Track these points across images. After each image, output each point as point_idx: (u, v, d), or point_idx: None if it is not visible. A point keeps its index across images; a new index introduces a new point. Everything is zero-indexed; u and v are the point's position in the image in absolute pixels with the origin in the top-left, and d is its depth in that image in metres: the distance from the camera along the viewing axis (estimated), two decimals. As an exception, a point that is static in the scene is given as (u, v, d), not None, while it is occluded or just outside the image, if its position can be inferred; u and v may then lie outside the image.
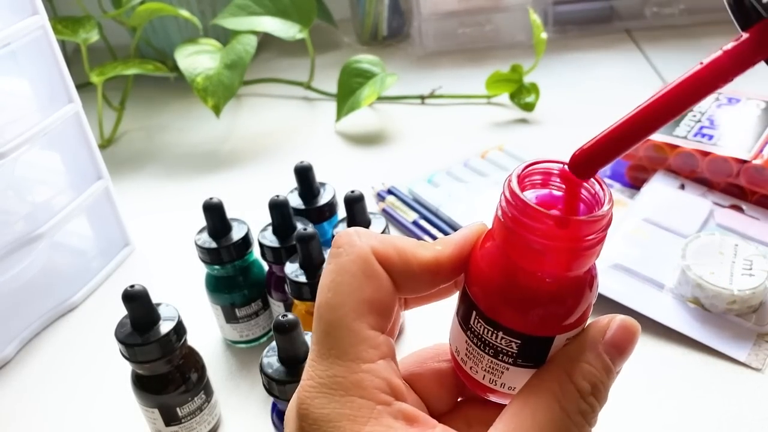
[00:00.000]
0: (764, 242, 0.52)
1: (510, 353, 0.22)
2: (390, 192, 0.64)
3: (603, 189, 0.21)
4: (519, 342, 0.22)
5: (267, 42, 1.00)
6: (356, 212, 0.46)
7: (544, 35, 0.75)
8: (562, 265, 0.21)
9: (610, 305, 0.49)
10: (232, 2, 0.80)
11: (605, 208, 0.20)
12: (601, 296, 0.49)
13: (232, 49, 0.76)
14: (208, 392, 0.43)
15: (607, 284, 0.50)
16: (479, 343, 0.22)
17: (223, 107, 0.73)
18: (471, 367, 0.23)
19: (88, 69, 0.73)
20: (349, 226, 0.46)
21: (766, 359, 0.45)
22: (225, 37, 0.86)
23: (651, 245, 0.53)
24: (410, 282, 0.22)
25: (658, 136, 0.59)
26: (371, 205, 0.64)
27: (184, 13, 0.75)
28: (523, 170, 0.22)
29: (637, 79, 0.81)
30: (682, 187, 0.58)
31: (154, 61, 0.79)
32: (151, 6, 0.74)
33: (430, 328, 0.50)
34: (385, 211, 0.63)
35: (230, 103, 0.83)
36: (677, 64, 0.82)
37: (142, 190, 0.72)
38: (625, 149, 0.21)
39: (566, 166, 0.22)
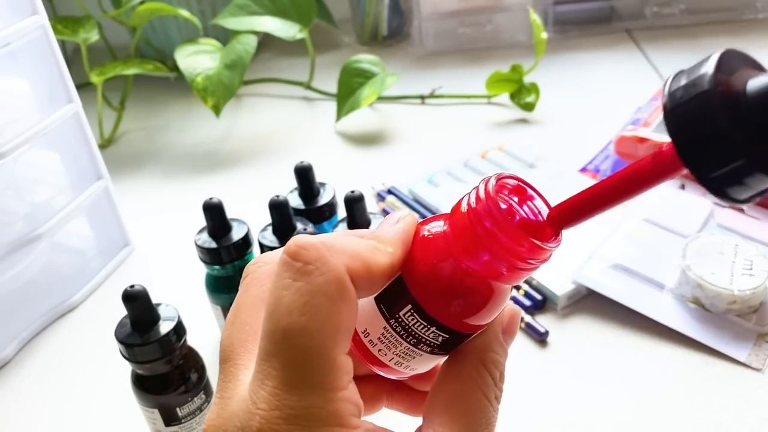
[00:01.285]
0: (764, 242, 0.52)
1: (432, 344, 0.23)
2: (390, 192, 0.64)
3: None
4: (447, 336, 0.23)
5: (267, 42, 1.00)
6: (356, 212, 0.46)
7: (544, 35, 0.75)
8: (500, 276, 0.22)
9: (610, 305, 0.49)
10: (232, 2, 0.80)
11: (553, 243, 0.22)
12: (601, 296, 0.49)
13: (232, 49, 0.76)
14: (208, 392, 0.43)
15: (607, 284, 0.50)
16: (402, 332, 0.23)
17: (223, 107, 0.73)
18: (380, 350, 0.24)
19: (88, 69, 0.73)
20: (349, 226, 0.46)
21: (767, 359, 0.45)
22: (225, 37, 0.86)
23: (651, 245, 0.53)
24: (367, 291, 0.22)
25: (658, 136, 0.59)
26: (371, 205, 0.64)
27: (184, 13, 0.75)
28: (498, 180, 0.23)
29: (637, 79, 0.81)
30: (683, 187, 0.58)
31: (154, 61, 0.79)
32: (151, 6, 0.73)
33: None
34: (385, 211, 0.63)
35: (230, 103, 0.83)
36: (677, 64, 0.82)
37: (142, 190, 0.72)
38: (591, 215, 0.22)
39: (532, 191, 0.24)
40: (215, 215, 0.46)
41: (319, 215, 0.50)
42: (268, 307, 0.20)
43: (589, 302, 0.50)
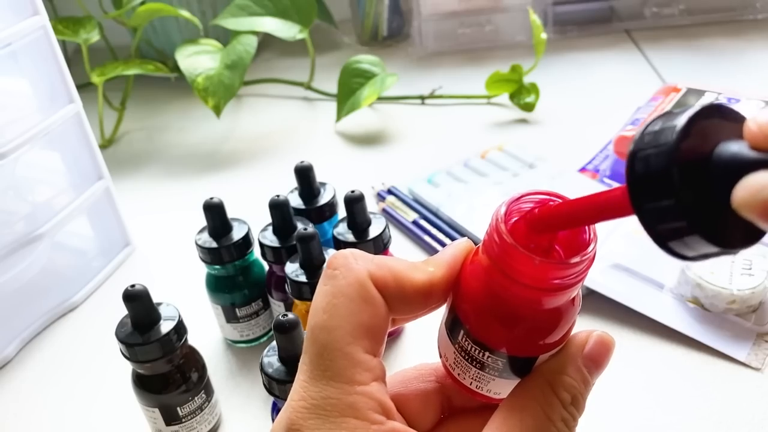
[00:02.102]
0: (764, 242, 0.52)
1: (496, 368, 0.23)
2: (390, 192, 0.64)
3: (590, 231, 0.21)
4: (504, 360, 0.23)
5: (267, 42, 1.00)
6: (356, 212, 0.46)
7: (543, 35, 0.75)
8: (542, 300, 0.21)
9: (610, 305, 0.49)
10: (233, 3, 0.80)
11: (588, 250, 0.21)
12: (601, 296, 0.49)
13: (233, 50, 0.76)
14: (209, 392, 0.43)
15: (607, 284, 0.50)
16: (467, 357, 0.23)
17: (223, 107, 0.73)
18: (459, 374, 0.24)
19: (89, 69, 0.73)
20: (349, 226, 0.46)
21: (766, 359, 0.45)
22: (225, 37, 0.87)
23: (651, 245, 0.53)
24: (404, 305, 0.23)
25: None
26: (371, 205, 0.64)
27: (185, 13, 0.75)
28: (510, 203, 0.22)
29: (636, 79, 0.81)
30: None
31: (154, 62, 0.79)
32: (152, 6, 0.74)
33: (429, 332, 0.51)
34: (385, 211, 0.63)
35: (231, 104, 0.84)
36: (677, 64, 0.83)
37: (143, 190, 0.72)
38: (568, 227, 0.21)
39: (555, 199, 0.22)
40: (216, 215, 0.46)
41: (320, 215, 0.50)
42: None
43: (589, 302, 0.50)
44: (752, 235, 0.18)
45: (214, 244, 0.46)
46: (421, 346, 0.49)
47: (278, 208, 0.46)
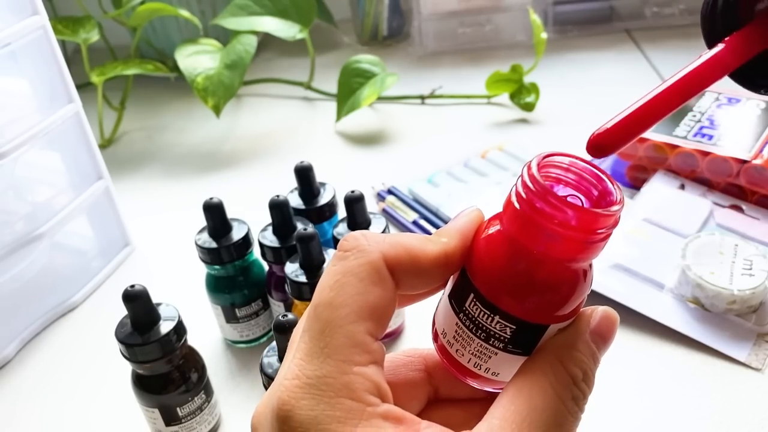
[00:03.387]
0: (764, 242, 0.52)
1: (502, 338, 0.22)
2: (390, 192, 0.64)
3: (614, 186, 0.22)
4: (513, 327, 0.22)
5: (267, 42, 1.00)
6: (356, 212, 0.46)
7: (544, 35, 0.75)
8: (569, 254, 0.21)
9: (610, 305, 0.49)
10: (233, 2, 0.80)
11: (617, 205, 0.21)
12: (601, 296, 0.49)
13: (233, 49, 0.76)
14: (209, 392, 0.43)
15: (607, 284, 0.50)
16: (471, 326, 0.23)
17: (223, 107, 0.73)
18: (457, 350, 0.23)
19: (89, 69, 0.73)
20: (349, 226, 0.46)
21: (766, 359, 0.45)
22: (225, 37, 0.87)
23: (651, 245, 0.53)
24: (419, 279, 0.22)
25: (658, 136, 0.59)
26: (371, 205, 0.64)
27: (185, 13, 0.75)
28: (543, 158, 0.22)
29: (636, 79, 0.81)
30: (682, 187, 0.58)
31: (154, 61, 0.79)
32: (152, 6, 0.74)
33: (428, 332, 0.50)
34: (385, 211, 0.63)
35: (230, 103, 0.84)
36: (677, 63, 0.82)
37: (143, 190, 0.72)
38: (647, 127, 0.22)
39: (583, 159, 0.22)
40: (215, 215, 0.46)
41: (320, 215, 0.50)
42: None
43: (589, 302, 0.50)
44: None
45: (214, 245, 0.46)
46: (420, 346, 0.49)
47: (278, 208, 0.46)
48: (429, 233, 0.61)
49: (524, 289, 0.22)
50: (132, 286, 0.38)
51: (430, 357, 0.26)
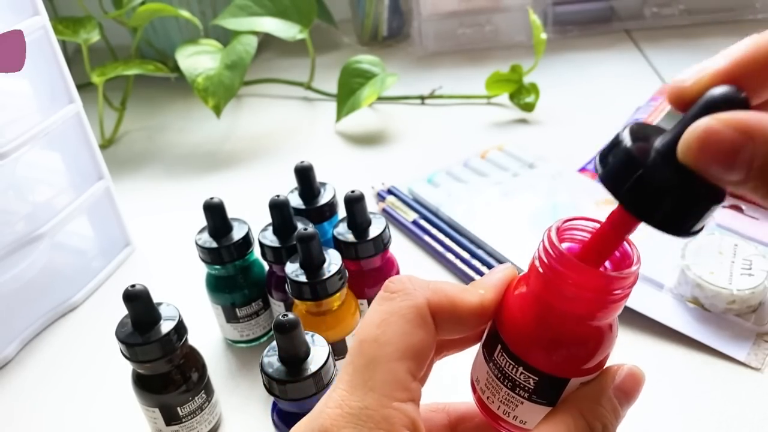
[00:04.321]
0: (764, 242, 0.52)
1: (527, 388, 0.23)
2: (390, 192, 0.64)
3: (632, 249, 0.23)
4: (536, 379, 0.23)
5: (267, 42, 1.00)
6: (356, 212, 0.46)
7: (543, 35, 0.75)
8: (589, 313, 0.22)
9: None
10: (233, 3, 0.80)
11: (634, 267, 0.23)
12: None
13: (233, 50, 0.76)
14: (209, 392, 0.43)
15: (607, 284, 0.50)
16: (500, 375, 0.24)
17: (223, 107, 0.73)
18: (488, 397, 0.25)
19: (89, 69, 0.74)
20: (349, 226, 0.46)
21: (766, 359, 0.45)
22: (225, 37, 0.87)
23: (651, 245, 0.53)
24: (458, 326, 0.24)
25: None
26: (371, 205, 0.64)
27: (185, 13, 0.75)
28: (562, 224, 0.23)
29: (636, 80, 0.81)
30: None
31: (154, 62, 0.79)
32: (152, 6, 0.74)
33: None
34: (385, 211, 0.63)
35: (231, 104, 0.84)
36: (677, 64, 0.83)
37: (143, 190, 0.72)
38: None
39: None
40: (216, 215, 0.46)
41: (320, 215, 0.50)
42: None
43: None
44: (714, 195, 0.20)
45: (214, 244, 0.46)
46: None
47: (278, 208, 0.46)
48: (429, 233, 0.61)
49: (545, 343, 0.23)
50: (132, 286, 0.38)
51: (453, 412, 0.27)
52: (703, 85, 0.19)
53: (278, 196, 0.46)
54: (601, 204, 0.58)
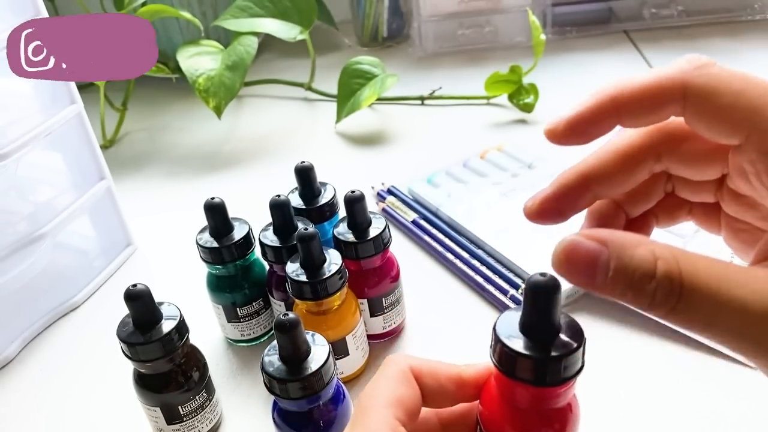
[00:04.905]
0: (762, 242, 0.52)
1: None
2: (390, 192, 0.65)
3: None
4: None
5: (268, 43, 1.00)
6: (356, 212, 0.46)
7: (543, 36, 0.75)
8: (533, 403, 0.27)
9: (609, 305, 0.50)
10: (233, 4, 0.80)
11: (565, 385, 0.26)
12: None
13: (234, 51, 0.76)
14: (210, 391, 0.43)
15: (606, 284, 0.50)
16: None
17: (224, 108, 0.73)
18: None
19: (90, 70, 0.74)
20: (349, 225, 0.46)
21: (764, 358, 0.45)
22: (226, 38, 0.87)
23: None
24: (437, 393, 0.28)
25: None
26: (371, 205, 0.64)
27: (186, 14, 0.76)
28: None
29: (636, 80, 0.81)
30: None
31: (155, 63, 0.79)
32: (153, 7, 0.74)
33: (428, 332, 0.51)
34: (385, 211, 0.63)
35: (231, 104, 0.84)
36: (676, 65, 0.83)
37: (144, 191, 0.72)
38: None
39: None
40: (217, 215, 0.46)
41: (320, 215, 0.50)
42: None
43: (588, 301, 0.51)
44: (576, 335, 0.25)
45: (215, 244, 0.46)
46: (420, 345, 0.50)
47: (279, 208, 0.46)
48: (429, 233, 0.61)
49: (506, 424, 0.27)
50: (134, 286, 0.38)
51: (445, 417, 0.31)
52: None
53: (279, 196, 0.46)
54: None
